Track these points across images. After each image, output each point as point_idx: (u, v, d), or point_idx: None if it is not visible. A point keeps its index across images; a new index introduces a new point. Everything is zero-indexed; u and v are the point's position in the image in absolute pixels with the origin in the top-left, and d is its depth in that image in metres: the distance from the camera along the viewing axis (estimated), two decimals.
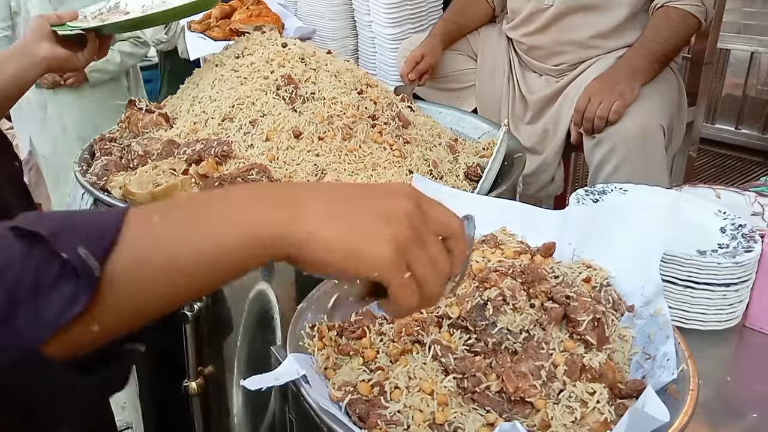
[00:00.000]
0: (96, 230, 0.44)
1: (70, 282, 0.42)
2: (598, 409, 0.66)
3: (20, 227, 0.42)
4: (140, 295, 0.45)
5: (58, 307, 0.41)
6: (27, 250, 0.42)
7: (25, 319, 0.41)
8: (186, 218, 0.47)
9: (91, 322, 0.43)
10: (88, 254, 0.42)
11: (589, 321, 0.72)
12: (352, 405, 0.66)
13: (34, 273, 0.41)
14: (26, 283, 0.41)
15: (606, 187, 1.14)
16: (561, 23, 1.76)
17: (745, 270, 0.95)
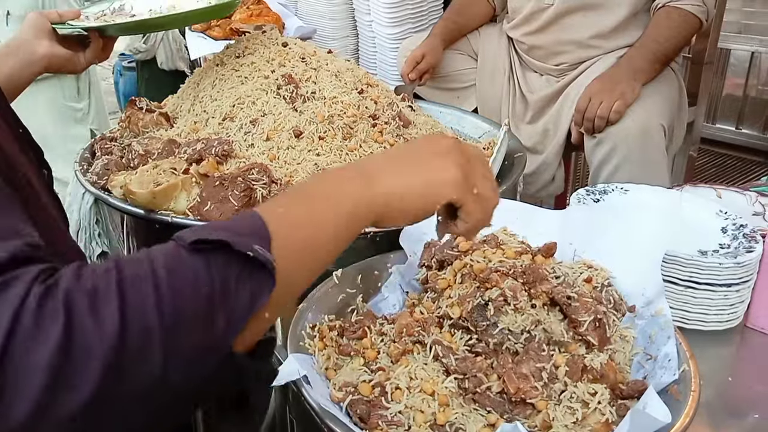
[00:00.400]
0: (253, 230, 0.51)
1: (252, 277, 0.48)
2: (599, 409, 0.66)
3: (203, 239, 0.48)
4: (292, 275, 0.52)
5: (246, 302, 0.47)
6: (206, 260, 0.47)
7: (223, 322, 0.46)
8: (301, 204, 0.56)
9: (265, 310, 0.49)
10: (263, 249, 0.49)
11: (590, 321, 0.72)
12: (352, 406, 0.66)
13: (220, 279, 0.47)
14: (216, 290, 0.46)
15: (607, 187, 1.14)
16: (561, 23, 1.76)
17: (746, 270, 0.94)
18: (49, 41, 1.09)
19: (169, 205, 1.00)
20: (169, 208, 1.00)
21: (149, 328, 0.43)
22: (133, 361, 0.43)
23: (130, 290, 0.44)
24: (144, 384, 0.43)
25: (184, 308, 0.45)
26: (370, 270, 0.90)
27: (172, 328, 0.44)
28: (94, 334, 0.41)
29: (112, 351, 0.41)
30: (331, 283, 0.85)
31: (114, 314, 0.42)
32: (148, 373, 0.43)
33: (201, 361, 0.46)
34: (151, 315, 0.44)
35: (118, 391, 0.42)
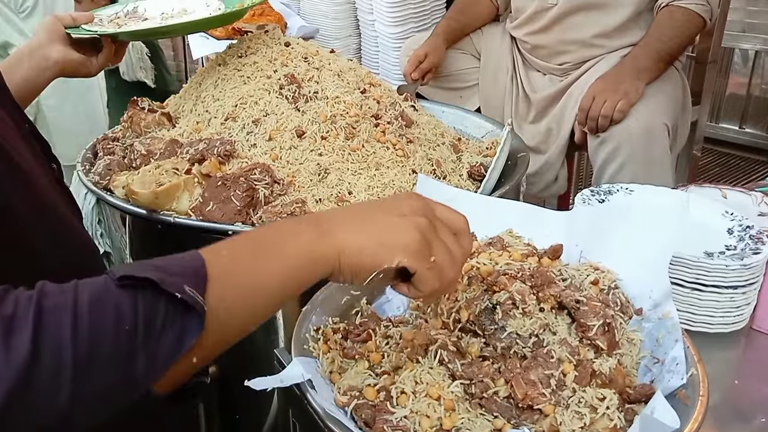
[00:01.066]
0: (189, 271, 0.49)
1: (179, 319, 0.46)
2: (607, 415, 0.65)
3: (128, 276, 0.46)
4: (227, 322, 0.51)
5: (170, 345, 0.46)
6: (133, 298, 0.46)
7: (143, 364, 0.45)
8: (248, 251, 0.55)
9: (193, 354, 0.48)
10: (194, 292, 0.47)
11: (599, 326, 0.71)
12: (357, 410, 0.65)
13: (144, 318, 0.45)
14: (139, 330, 0.45)
15: (612, 187, 1.13)
16: (565, 22, 1.75)
17: (752, 272, 0.94)
18: (63, 46, 1.09)
19: (171, 205, 0.99)
20: (172, 208, 1.00)
21: (60, 364, 0.42)
22: (38, 396, 0.41)
23: (47, 320, 0.43)
24: (47, 419, 0.42)
25: (101, 345, 0.44)
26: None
27: (85, 367, 0.43)
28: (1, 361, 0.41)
29: (17, 382, 0.40)
30: (335, 284, 0.85)
31: (26, 344, 0.41)
32: (52, 410, 0.42)
33: (112, 401, 0.45)
34: (64, 350, 0.42)
35: (19, 421, 0.41)
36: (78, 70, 1.12)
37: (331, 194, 1.05)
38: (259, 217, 0.97)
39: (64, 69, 1.09)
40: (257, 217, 0.98)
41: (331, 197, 1.04)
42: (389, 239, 0.58)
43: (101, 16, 1.23)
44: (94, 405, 0.44)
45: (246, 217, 0.98)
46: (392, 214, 0.59)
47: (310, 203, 1.02)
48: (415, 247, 0.58)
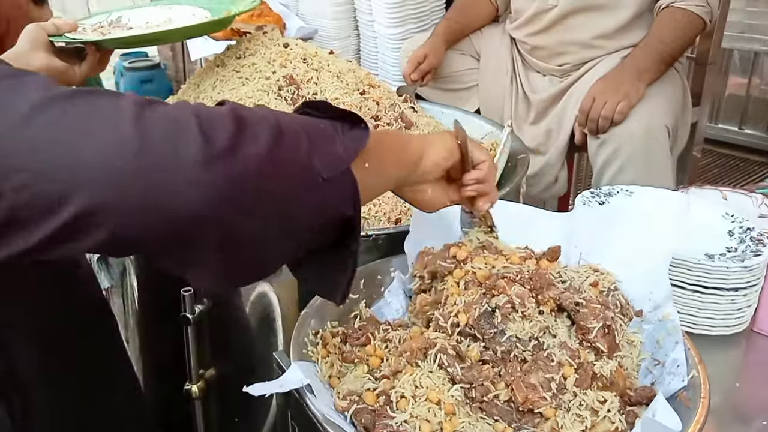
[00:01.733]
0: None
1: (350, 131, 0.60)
2: (608, 417, 0.65)
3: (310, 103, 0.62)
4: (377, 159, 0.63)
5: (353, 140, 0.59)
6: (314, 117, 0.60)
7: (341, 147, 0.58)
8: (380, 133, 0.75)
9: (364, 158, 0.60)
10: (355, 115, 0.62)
11: (599, 328, 0.71)
12: (357, 415, 0.65)
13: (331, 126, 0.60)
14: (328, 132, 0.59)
15: (612, 188, 1.13)
16: (565, 23, 1.75)
17: (753, 274, 0.93)
18: (45, 53, 1.08)
19: None
20: None
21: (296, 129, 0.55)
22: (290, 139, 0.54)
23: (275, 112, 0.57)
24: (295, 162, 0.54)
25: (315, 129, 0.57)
26: (373, 275, 0.89)
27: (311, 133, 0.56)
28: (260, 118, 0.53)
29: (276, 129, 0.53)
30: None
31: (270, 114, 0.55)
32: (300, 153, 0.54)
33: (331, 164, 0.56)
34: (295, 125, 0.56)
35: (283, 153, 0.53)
36: (61, 78, 1.11)
37: None
38: None
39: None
40: None
41: None
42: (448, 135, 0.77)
43: (84, 25, 1.22)
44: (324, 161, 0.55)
45: None
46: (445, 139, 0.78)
47: None
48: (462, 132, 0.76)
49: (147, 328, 1.26)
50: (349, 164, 0.58)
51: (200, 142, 0.48)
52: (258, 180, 0.51)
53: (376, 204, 1.05)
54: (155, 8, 1.32)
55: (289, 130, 0.54)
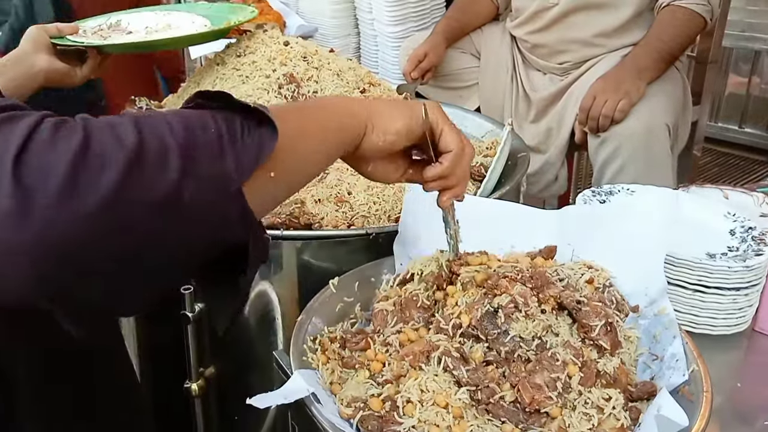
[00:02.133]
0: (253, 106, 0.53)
1: (255, 130, 0.51)
2: (614, 415, 0.65)
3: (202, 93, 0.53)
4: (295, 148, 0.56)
5: (253, 149, 0.50)
6: (211, 114, 0.51)
7: (232, 161, 0.49)
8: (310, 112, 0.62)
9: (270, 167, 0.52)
10: (264, 108, 0.52)
11: (601, 326, 0.70)
12: (363, 422, 0.64)
13: (226, 127, 0.50)
14: (224, 134, 0.49)
15: (613, 187, 1.13)
16: (565, 22, 1.75)
17: (755, 274, 0.93)
18: (47, 55, 1.11)
19: None
20: None
21: (166, 144, 0.46)
22: (152, 164, 0.45)
23: (144, 121, 0.47)
24: (160, 191, 0.45)
25: (196, 140, 0.48)
26: (367, 277, 0.89)
27: (186, 147, 0.47)
28: (113, 144, 0.44)
29: (132, 153, 0.44)
30: (329, 292, 0.84)
31: (130, 132, 0.45)
32: (164, 179, 0.45)
33: (212, 186, 0.48)
34: (166, 138, 0.46)
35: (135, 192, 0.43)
36: (62, 80, 1.14)
37: (330, 194, 1.04)
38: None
39: (48, 78, 1.11)
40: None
41: (330, 197, 1.03)
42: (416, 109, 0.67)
43: (85, 28, 1.25)
44: (198, 185, 0.47)
45: None
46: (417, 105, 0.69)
47: (309, 203, 1.01)
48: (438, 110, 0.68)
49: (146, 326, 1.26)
50: (240, 184, 0.49)
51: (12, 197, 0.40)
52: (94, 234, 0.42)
53: (376, 202, 1.04)
54: (153, 14, 1.34)
55: (152, 151, 0.45)
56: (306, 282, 0.94)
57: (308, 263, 0.97)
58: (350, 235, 0.97)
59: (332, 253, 0.98)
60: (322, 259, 0.96)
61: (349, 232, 0.98)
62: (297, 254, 0.98)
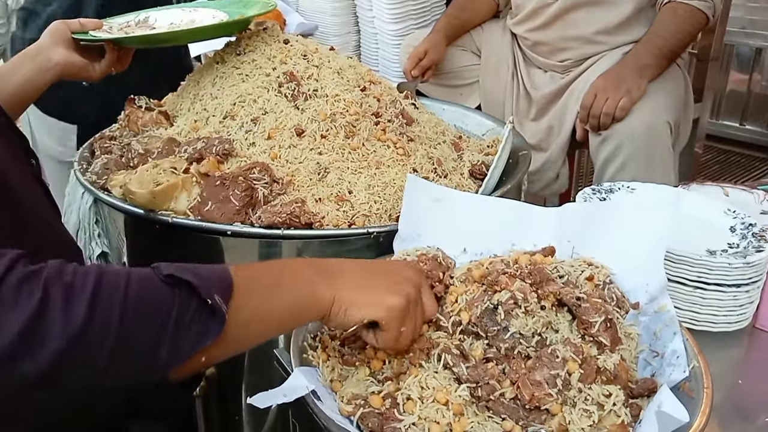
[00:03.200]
0: (221, 282, 0.57)
1: (204, 320, 0.54)
2: (614, 411, 0.65)
3: (173, 275, 0.54)
4: (239, 335, 0.58)
5: (191, 341, 0.53)
6: (172, 294, 0.53)
7: (166, 351, 0.52)
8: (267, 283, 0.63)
9: (204, 354, 0.55)
10: (221, 301, 0.55)
11: (601, 322, 0.70)
12: (364, 419, 0.64)
13: (178, 313, 0.53)
14: (170, 322, 0.52)
15: (613, 185, 1.13)
16: (566, 18, 1.74)
17: (756, 270, 0.93)
18: (65, 49, 1.11)
19: (169, 205, 0.98)
20: (170, 208, 0.99)
21: (106, 336, 0.49)
22: (80, 363, 0.48)
23: (102, 297, 0.50)
24: (80, 383, 0.49)
25: (141, 329, 0.51)
26: None
27: (124, 342, 0.50)
28: (60, 322, 0.47)
29: (68, 345, 0.47)
30: None
31: (81, 314, 0.48)
32: (87, 377, 0.49)
33: (136, 379, 0.52)
34: (112, 325, 0.49)
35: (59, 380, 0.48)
36: (79, 73, 1.14)
37: (330, 193, 1.04)
38: (258, 217, 0.97)
39: (64, 71, 1.11)
40: (256, 216, 0.97)
41: (331, 196, 1.03)
42: (379, 299, 0.66)
43: (112, 24, 1.25)
44: (122, 379, 0.51)
45: (245, 216, 0.97)
46: (391, 279, 0.69)
47: (310, 203, 1.01)
48: (396, 314, 0.67)
49: None
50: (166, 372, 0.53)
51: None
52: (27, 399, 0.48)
53: (377, 201, 1.04)
54: (180, 11, 1.35)
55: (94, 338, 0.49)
56: None
57: None
58: (351, 235, 0.97)
59: (333, 253, 0.98)
60: None
61: (350, 231, 0.98)
62: (298, 254, 0.98)
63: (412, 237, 0.89)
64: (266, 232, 0.95)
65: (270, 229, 0.95)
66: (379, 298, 0.66)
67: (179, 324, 0.52)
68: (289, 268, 0.67)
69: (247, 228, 0.96)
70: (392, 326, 0.67)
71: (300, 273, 0.66)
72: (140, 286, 0.52)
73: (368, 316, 0.66)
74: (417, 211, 0.90)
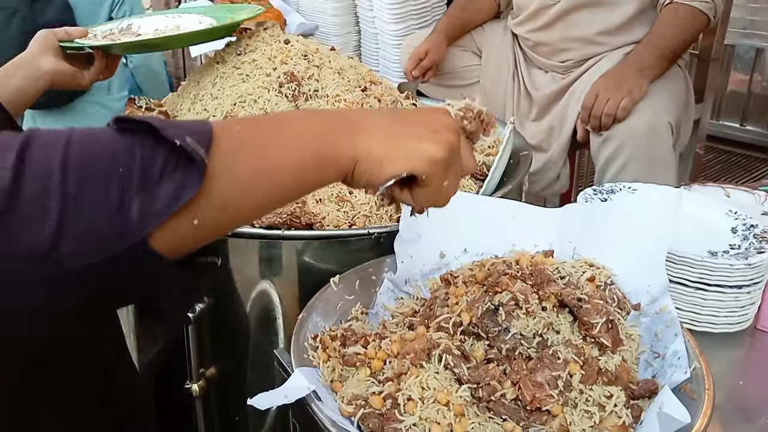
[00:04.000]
0: (195, 128, 0.46)
1: (179, 171, 0.43)
2: (615, 412, 0.65)
3: (126, 118, 0.44)
4: (231, 191, 0.47)
5: (167, 196, 0.43)
6: (130, 143, 0.43)
7: (136, 210, 0.42)
8: (266, 129, 0.52)
9: (193, 214, 0.45)
10: (195, 143, 0.44)
11: (602, 323, 0.70)
12: (364, 419, 0.64)
13: (141, 164, 0.43)
14: (135, 174, 0.42)
15: (615, 186, 1.12)
16: (567, 19, 1.74)
17: (757, 272, 0.93)
18: (54, 57, 1.12)
19: None
20: None
21: (46, 191, 0.40)
22: (21, 221, 0.39)
23: (34, 150, 0.41)
24: (32, 246, 0.40)
25: (93, 180, 0.41)
26: (368, 275, 0.89)
27: (74, 199, 0.41)
28: None
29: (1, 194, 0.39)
30: (330, 289, 0.84)
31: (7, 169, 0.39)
32: (36, 238, 0.40)
33: (103, 243, 0.42)
34: (51, 179, 0.40)
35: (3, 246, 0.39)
36: (69, 81, 1.15)
37: (331, 194, 1.04)
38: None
39: (54, 79, 1.12)
40: None
41: (332, 197, 1.03)
42: (416, 149, 0.55)
43: (96, 32, 1.26)
44: (84, 241, 0.41)
45: None
46: (426, 127, 0.57)
47: (311, 203, 1.01)
48: (439, 164, 0.56)
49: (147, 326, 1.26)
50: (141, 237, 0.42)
51: None
52: None
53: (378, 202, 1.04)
54: (163, 17, 1.35)
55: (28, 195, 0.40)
56: (307, 282, 0.94)
57: (309, 263, 0.96)
58: (352, 235, 0.97)
59: (333, 253, 0.97)
60: (323, 259, 0.96)
61: (351, 231, 0.98)
62: (298, 254, 0.98)
63: (412, 238, 0.89)
64: (266, 232, 0.95)
65: (270, 229, 0.95)
66: (418, 147, 0.55)
67: (146, 175, 0.43)
68: (296, 118, 0.55)
69: (248, 228, 0.96)
70: (434, 180, 0.57)
71: (312, 123, 0.54)
72: (86, 137, 0.43)
73: (406, 169, 0.55)
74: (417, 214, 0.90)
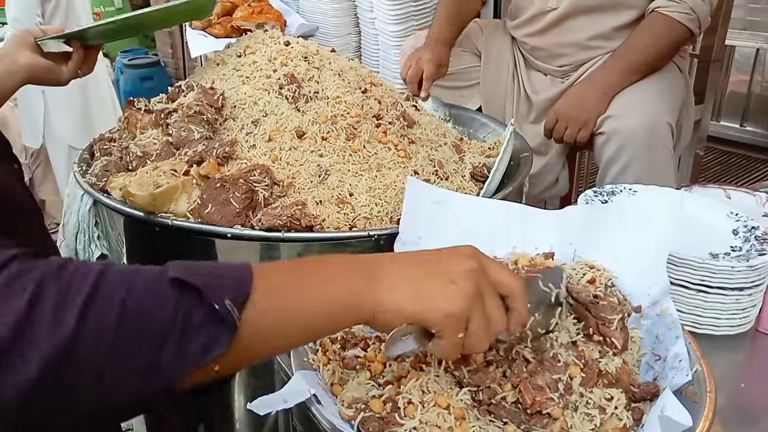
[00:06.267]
0: (235, 284, 0.52)
1: (212, 327, 0.49)
2: (616, 415, 0.64)
3: (179, 278, 0.50)
4: (258, 342, 0.53)
5: (197, 350, 0.49)
6: (179, 298, 0.49)
7: (169, 360, 0.48)
8: (296, 285, 0.56)
9: (216, 364, 0.50)
10: (232, 306, 0.50)
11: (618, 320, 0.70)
12: (364, 423, 0.64)
13: (183, 320, 0.48)
14: (176, 328, 0.48)
15: (615, 187, 1.12)
16: (562, 26, 1.74)
17: (758, 274, 0.93)
18: (30, 52, 1.13)
19: (169, 207, 0.98)
20: (170, 210, 0.98)
21: (99, 342, 0.45)
22: (69, 370, 0.45)
23: (98, 301, 0.46)
24: (75, 391, 0.45)
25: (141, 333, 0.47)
26: None
27: (119, 354, 0.46)
28: (47, 326, 0.44)
29: (55, 355, 0.44)
30: None
31: (73, 316, 0.45)
32: (81, 384, 0.45)
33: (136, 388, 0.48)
34: (106, 331, 0.46)
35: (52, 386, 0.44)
36: (46, 76, 1.16)
37: (331, 196, 1.03)
38: (258, 219, 0.96)
39: (32, 73, 1.13)
40: (256, 219, 0.97)
41: (332, 199, 1.03)
42: (432, 304, 0.57)
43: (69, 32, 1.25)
44: (118, 389, 0.47)
45: (245, 219, 0.97)
46: (444, 278, 0.58)
47: (311, 205, 1.01)
48: (454, 320, 0.57)
49: None
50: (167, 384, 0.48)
51: None
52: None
53: (378, 204, 1.04)
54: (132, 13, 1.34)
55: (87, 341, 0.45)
56: None
57: None
58: (352, 237, 0.96)
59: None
60: None
61: (351, 234, 0.98)
62: (298, 256, 0.97)
63: (412, 240, 0.89)
64: (266, 234, 0.95)
65: (270, 231, 0.95)
66: (432, 305, 0.57)
67: (184, 331, 0.48)
68: (324, 270, 0.59)
69: (248, 231, 0.96)
70: (448, 333, 0.58)
71: (338, 275, 0.58)
72: (145, 292, 0.48)
73: (421, 321, 0.58)
74: (418, 214, 0.90)
